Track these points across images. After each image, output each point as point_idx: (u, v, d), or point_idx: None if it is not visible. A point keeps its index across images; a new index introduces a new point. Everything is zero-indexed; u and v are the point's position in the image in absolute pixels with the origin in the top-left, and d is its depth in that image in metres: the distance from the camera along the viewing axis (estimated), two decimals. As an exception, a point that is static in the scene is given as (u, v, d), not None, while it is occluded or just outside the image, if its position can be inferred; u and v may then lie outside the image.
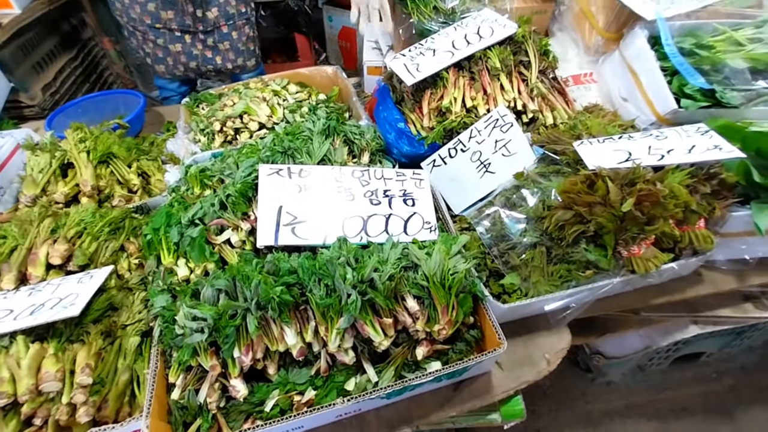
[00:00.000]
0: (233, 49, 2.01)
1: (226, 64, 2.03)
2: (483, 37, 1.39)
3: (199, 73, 2.05)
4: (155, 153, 1.64)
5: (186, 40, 1.90)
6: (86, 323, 0.94)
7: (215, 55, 1.98)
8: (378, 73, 2.08)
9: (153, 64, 2.01)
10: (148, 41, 1.91)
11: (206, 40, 1.91)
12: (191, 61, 1.97)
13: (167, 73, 2.03)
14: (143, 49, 1.97)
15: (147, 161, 1.55)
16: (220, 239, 1.04)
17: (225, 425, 0.87)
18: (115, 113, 1.97)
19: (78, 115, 1.88)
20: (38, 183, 1.29)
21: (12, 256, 1.05)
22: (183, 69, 2.00)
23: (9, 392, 0.81)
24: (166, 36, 1.87)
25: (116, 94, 1.99)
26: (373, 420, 0.97)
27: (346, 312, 0.87)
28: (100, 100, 1.96)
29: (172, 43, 1.89)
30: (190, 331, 0.85)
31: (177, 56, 1.95)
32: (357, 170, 1.12)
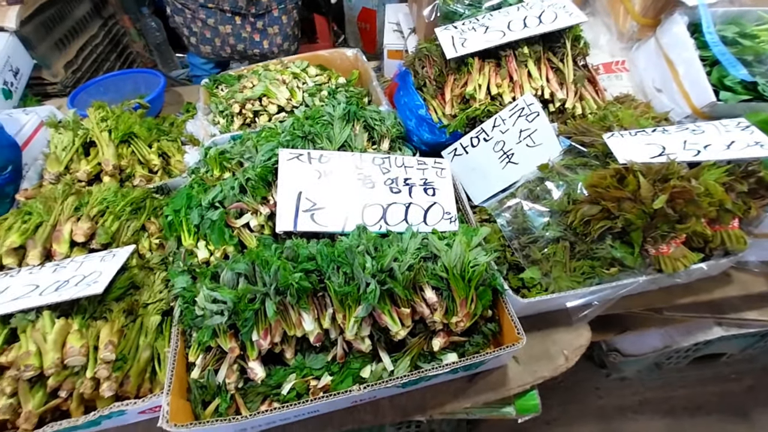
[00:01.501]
0: (281, 34, 2.00)
1: (273, 48, 2.02)
2: (543, 22, 1.33)
3: (245, 56, 2.03)
4: (175, 134, 1.64)
5: (236, 22, 1.89)
6: (109, 301, 0.96)
7: (263, 38, 1.97)
8: (398, 56, 2.03)
9: (198, 44, 2.00)
10: (197, 20, 1.90)
11: (256, 23, 1.90)
12: (239, 43, 1.96)
13: (212, 53, 2.02)
14: (189, 28, 1.96)
15: (167, 142, 1.55)
16: (239, 223, 1.04)
17: (243, 405, 0.89)
18: (135, 92, 1.98)
19: (99, 94, 1.89)
20: (61, 161, 1.30)
21: (37, 232, 1.07)
22: (230, 51, 1.99)
23: (36, 365, 0.83)
24: (216, 16, 1.86)
25: (137, 73, 1.99)
26: (387, 407, 0.98)
27: (364, 301, 0.86)
28: (121, 79, 1.96)
29: (222, 24, 1.88)
30: (210, 313, 0.85)
31: (225, 38, 1.94)
32: (377, 157, 1.10)
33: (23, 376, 0.83)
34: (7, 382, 0.83)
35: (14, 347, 0.87)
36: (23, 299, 0.90)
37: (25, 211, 1.12)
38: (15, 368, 0.84)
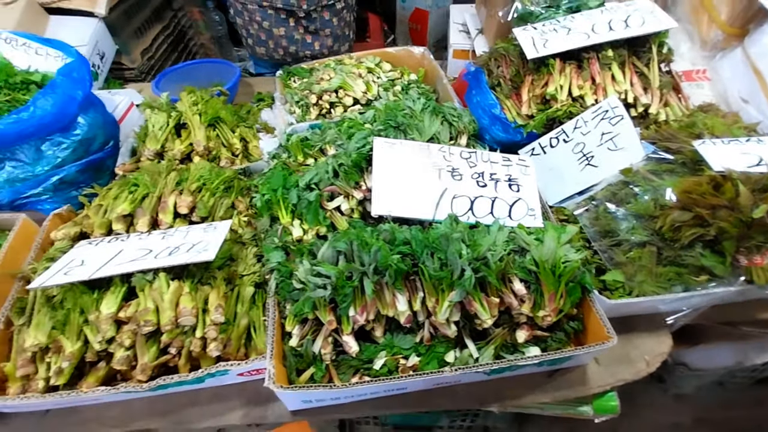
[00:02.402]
0: (332, 35, 2.05)
1: (323, 50, 2.08)
2: (630, 26, 1.33)
3: (296, 58, 2.09)
4: (251, 121, 1.72)
5: (289, 24, 1.96)
6: (212, 269, 1.03)
7: (314, 40, 2.03)
8: (465, 56, 2.06)
9: (254, 45, 2.09)
10: (254, 22, 1.98)
11: (309, 26, 1.96)
12: (291, 45, 2.03)
13: (266, 55, 2.10)
14: (247, 30, 2.05)
15: (245, 128, 1.64)
16: (331, 205, 1.09)
17: (336, 376, 0.93)
18: (208, 81, 2.08)
19: (178, 79, 2.00)
20: (158, 139, 1.40)
21: (144, 202, 1.16)
22: (282, 53, 2.07)
23: (153, 321, 0.91)
24: (271, 18, 1.93)
25: (212, 62, 2.09)
26: (463, 393, 1.00)
27: (458, 286, 0.89)
28: (197, 67, 2.07)
29: (276, 26, 1.96)
30: (313, 287, 0.91)
31: (279, 40, 2.01)
32: (465, 151, 1.13)
33: (142, 331, 0.90)
34: (126, 335, 0.91)
35: (132, 304, 0.95)
36: (140, 261, 0.98)
37: (131, 182, 1.21)
38: (134, 323, 0.92)
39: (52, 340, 0.92)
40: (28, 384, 0.93)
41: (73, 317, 0.93)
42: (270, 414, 0.99)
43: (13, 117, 1.12)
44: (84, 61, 1.41)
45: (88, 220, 1.15)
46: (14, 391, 0.92)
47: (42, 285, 0.93)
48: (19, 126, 1.12)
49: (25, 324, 0.98)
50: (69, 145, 1.25)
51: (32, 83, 1.32)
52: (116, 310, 0.92)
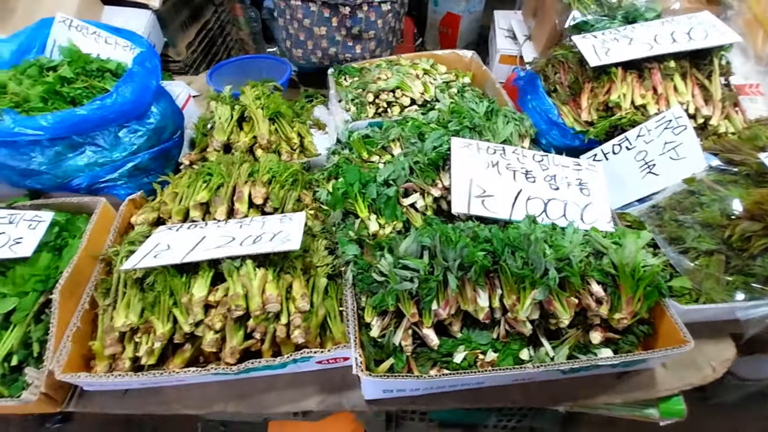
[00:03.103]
0: (375, 38, 2.01)
1: (365, 54, 2.01)
2: (693, 38, 1.35)
3: (336, 60, 2.04)
4: (305, 117, 1.76)
5: (332, 23, 1.91)
6: (291, 259, 1.06)
7: (356, 44, 1.97)
8: (512, 62, 2.08)
9: (291, 47, 2.04)
10: (295, 20, 1.95)
11: (352, 27, 1.91)
12: (331, 47, 1.96)
13: (302, 57, 2.04)
14: (287, 30, 2.02)
15: (299, 124, 1.67)
16: (406, 202, 1.11)
17: (415, 367, 0.96)
18: (258, 76, 2.11)
19: (229, 73, 2.04)
20: (225, 131, 1.43)
21: (219, 191, 1.19)
22: (320, 55, 2.00)
23: (243, 306, 0.93)
24: (314, 16, 1.88)
25: (263, 58, 2.14)
26: (536, 391, 1.02)
27: (541, 285, 0.92)
28: (248, 62, 2.11)
29: (317, 25, 1.90)
30: (400, 280, 0.93)
31: (318, 40, 1.94)
32: (537, 154, 1.15)
33: (233, 315, 0.93)
34: (217, 318, 0.93)
35: (219, 288, 0.98)
36: (225, 248, 1.00)
37: (205, 171, 1.24)
38: (223, 307, 0.94)
39: (143, 320, 0.95)
40: (115, 363, 0.96)
41: (163, 299, 0.96)
42: (345, 402, 1.01)
43: (97, 103, 1.15)
44: (154, 51, 1.45)
45: (166, 207, 1.18)
46: (101, 369, 0.95)
47: (134, 267, 0.96)
48: (103, 112, 1.16)
49: (110, 305, 1.01)
50: (144, 133, 1.28)
51: (107, 71, 1.36)
52: (207, 293, 0.95)
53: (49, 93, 1.20)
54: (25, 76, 1.25)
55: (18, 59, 1.38)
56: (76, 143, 1.17)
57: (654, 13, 1.62)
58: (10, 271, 0.99)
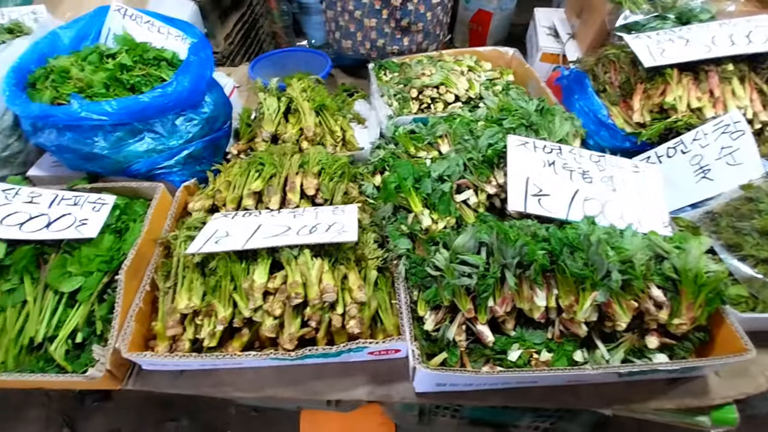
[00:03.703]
0: (423, 31, 2.02)
1: (412, 46, 2.03)
2: (753, 42, 1.32)
3: (383, 53, 2.05)
4: (346, 110, 1.77)
5: (382, 15, 1.93)
6: (345, 250, 1.07)
7: (404, 36, 1.99)
8: (553, 60, 2.06)
9: (340, 38, 2.07)
10: (346, 12, 1.98)
11: (401, 19, 1.93)
12: (379, 38, 1.99)
13: (351, 49, 2.06)
14: (336, 22, 2.05)
15: (341, 117, 1.68)
16: (459, 198, 1.12)
17: (468, 362, 0.96)
18: (296, 69, 2.13)
19: (270, 66, 2.07)
20: (273, 122, 1.45)
21: (272, 181, 1.21)
22: (369, 46, 2.02)
23: (302, 294, 0.95)
24: (365, 8, 1.91)
25: (302, 51, 2.15)
26: (587, 393, 1.02)
27: (601, 287, 0.91)
28: (288, 55, 2.13)
29: (367, 17, 1.93)
30: (458, 275, 0.93)
31: (367, 32, 1.97)
32: (594, 155, 1.14)
33: (292, 302, 0.95)
34: (277, 305, 0.95)
35: (278, 276, 1.00)
36: (282, 236, 1.02)
37: (257, 161, 1.26)
38: (282, 294, 0.96)
39: (205, 304, 0.97)
40: (175, 344, 0.99)
41: (224, 284, 0.98)
42: (394, 393, 1.02)
43: (158, 91, 1.18)
44: (207, 41, 1.47)
45: (220, 195, 1.21)
46: (162, 349, 0.98)
47: (198, 251, 0.99)
48: (163, 100, 1.18)
49: (171, 288, 1.04)
50: (198, 122, 1.31)
51: (163, 60, 1.39)
52: (266, 280, 0.97)
53: (111, 79, 1.23)
54: (87, 62, 1.29)
55: (76, 45, 1.42)
56: (136, 129, 1.20)
57: (709, 14, 1.58)
58: (76, 251, 1.03)
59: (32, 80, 1.25)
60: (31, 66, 1.28)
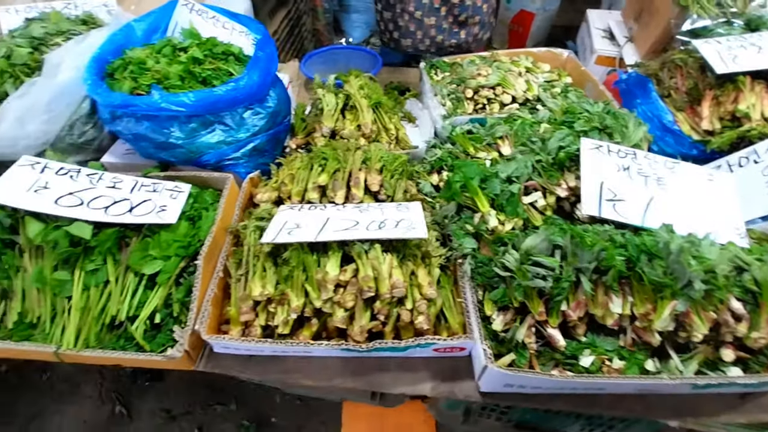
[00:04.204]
0: (480, 23, 2.05)
1: (468, 38, 2.07)
2: None
3: (440, 48, 2.10)
4: (397, 109, 1.78)
5: (441, 13, 1.97)
6: (411, 247, 1.08)
7: (461, 29, 2.04)
8: (609, 63, 2.02)
9: (400, 38, 2.12)
10: (405, 14, 2.01)
11: (459, 14, 1.97)
12: (439, 35, 2.04)
13: (411, 47, 2.13)
14: (395, 23, 2.09)
15: (394, 115, 1.69)
16: (527, 200, 1.11)
17: (537, 365, 0.96)
18: (345, 66, 2.16)
19: (320, 62, 2.10)
20: (333, 118, 1.47)
21: (336, 175, 1.23)
22: (428, 43, 2.08)
23: (373, 287, 0.97)
24: (425, 8, 1.96)
25: (353, 49, 2.18)
26: (655, 403, 1.00)
27: (681, 297, 0.89)
28: (338, 53, 2.16)
29: (427, 16, 1.98)
30: (531, 276, 0.93)
31: (427, 30, 2.03)
32: (668, 161, 1.12)
33: (364, 296, 0.97)
34: (350, 297, 0.97)
35: (348, 269, 1.01)
36: (352, 231, 1.04)
37: (320, 156, 1.28)
38: (353, 287, 0.98)
39: (278, 292, 1.00)
40: (247, 329, 1.03)
41: (297, 274, 1.00)
42: (458, 391, 1.03)
43: (231, 84, 1.22)
44: (270, 38, 1.51)
45: (286, 187, 1.24)
46: (235, 334, 1.01)
47: (272, 241, 1.01)
48: (236, 93, 1.22)
49: (243, 275, 1.07)
50: (264, 115, 1.34)
51: (231, 54, 1.43)
52: (338, 273, 0.99)
53: (185, 72, 1.28)
54: (161, 55, 1.34)
55: (148, 38, 1.48)
56: (208, 121, 1.24)
57: (781, 21, 1.52)
58: (156, 235, 1.07)
59: (110, 70, 1.31)
60: (109, 57, 1.33)
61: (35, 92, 1.25)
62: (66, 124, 1.32)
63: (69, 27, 1.43)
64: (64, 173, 1.10)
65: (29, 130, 1.26)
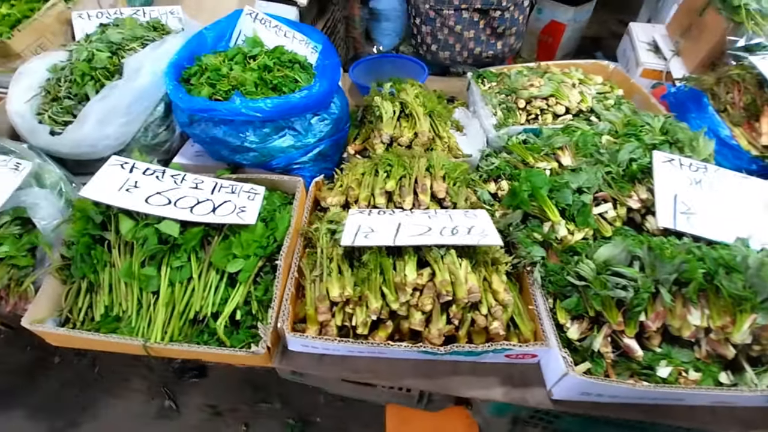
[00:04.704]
0: (515, 33, 2.10)
1: (504, 49, 2.13)
2: None
3: (477, 59, 2.16)
4: (446, 117, 1.81)
5: (479, 26, 2.03)
6: (481, 252, 1.11)
7: (498, 40, 2.09)
8: (655, 76, 2.03)
9: (438, 50, 2.18)
10: (446, 27, 2.07)
11: (498, 27, 2.03)
12: (477, 47, 2.10)
13: (448, 59, 2.19)
14: (434, 36, 2.14)
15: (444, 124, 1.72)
16: (596, 210, 1.13)
17: (613, 374, 0.97)
18: (389, 74, 2.20)
19: (367, 70, 2.15)
20: (392, 125, 1.51)
21: (402, 181, 1.27)
22: (465, 55, 2.14)
23: (451, 292, 0.99)
24: (464, 22, 2.02)
25: (399, 58, 2.22)
26: (725, 415, 1.00)
27: (761, 310, 0.90)
28: (384, 61, 2.20)
29: (466, 30, 2.04)
30: (611, 286, 0.95)
31: (466, 42, 2.09)
32: (737, 175, 1.13)
33: (442, 300, 0.99)
34: (428, 301, 1.00)
35: (424, 273, 1.04)
36: (426, 236, 1.07)
37: (385, 162, 1.32)
38: (430, 290, 1.01)
39: (357, 294, 1.03)
40: (324, 329, 1.06)
41: (375, 276, 1.04)
42: (530, 397, 1.04)
43: (305, 92, 1.26)
44: (333, 47, 1.56)
45: (353, 191, 1.27)
46: (312, 333, 1.05)
47: (351, 244, 1.05)
48: (308, 100, 1.27)
49: (318, 276, 1.11)
50: (330, 121, 1.38)
51: (296, 62, 1.48)
52: (416, 276, 1.02)
53: (259, 79, 1.33)
54: (234, 62, 1.39)
55: (215, 45, 1.54)
56: (280, 126, 1.29)
57: (841, 38, 1.53)
58: (237, 235, 1.12)
59: (186, 75, 1.37)
60: (185, 62, 1.39)
61: (116, 95, 1.31)
62: (142, 126, 1.38)
63: (143, 33, 1.50)
64: (150, 173, 1.15)
65: (109, 131, 1.32)
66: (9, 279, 1.11)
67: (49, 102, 1.41)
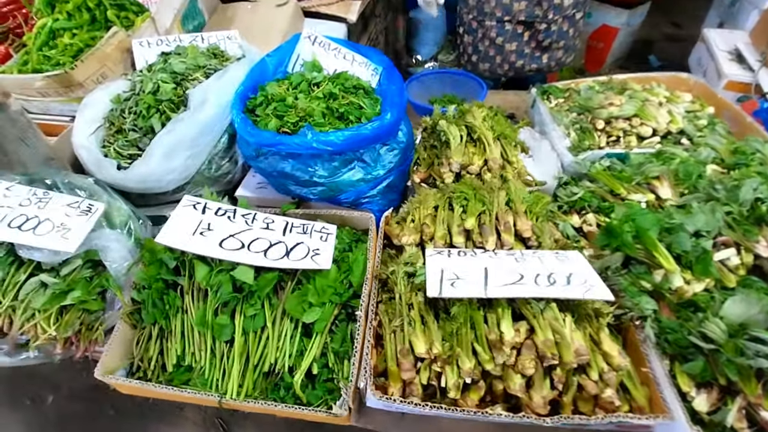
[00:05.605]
0: (564, 47, 1.97)
1: (551, 62, 2.01)
2: None
3: (519, 72, 2.05)
4: (512, 138, 1.69)
5: (523, 38, 1.92)
6: (582, 303, 0.99)
7: (543, 54, 1.98)
8: (741, 89, 1.84)
9: (478, 62, 2.09)
10: (487, 39, 1.97)
11: (543, 40, 1.91)
12: (519, 60, 1.99)
13: (488, 71, 2.09)
14: (475, 47, 2.05)
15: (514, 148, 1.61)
16: (718, 257, 0.99)
17: (753, 457, 0.83)
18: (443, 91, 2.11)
19: (417, 87, 2.06)
20: (461, 152, 1.41)
21: (482, 218, 1.16)
22: (507, 68, 2.04)
23: (557, 354, 0.88)
24: (507, 34, 1.91)
25: (454, 74, 2.11)
26: None
27: None
28: (441, 77, 2.10)
29: (508, 42, 1.94)
30: (752, 354, 0.81)
31: (507, 55, 1.99)
32: None
33: (545, 363, 0.88)
34: (530, 363, 0.89)
35: (521, 329, 0.94)
36: (519, 286, 0.96)
37: (461, 196, 1.22)
38: (531, 350, 0.90)
39: (447, 352, 0.94)
40: (408, 387, 0.97)
41: (465, 331, 0.94)
42: (644, 474, 0.91)
43: (377, 122, 1.19)
44: (396, 69, 1.48)
45: (428, 228, 1.18)
46: (396, 391, 0.96)
47: (439, 295, 0.96)
48: (379, 131, 1.19)
49: (399, 326, 1.02)
50: (398, 151, 1.30)
51: (361, 88, 1.41)
52: (514, 334, 0.92)
53: (326, 108, 1.27)
54: (298, 90, 1.34)
55: (275, 72, 1.49)
56: (348, 159, 1.22)
57: None
58: (312, 281, 1.05)
59: (251, 106, 1.32)
60: (249, 93, 1.35)
61: (181, 128, 1.27)
62: (207, 158, 1.34)
63: (205, 62, 1.47)
64: (222, 214, 1.10)
65: (174, 165, 1.29)
66: (80, 324, 1.08)
67: (114, 134, 1.40)
